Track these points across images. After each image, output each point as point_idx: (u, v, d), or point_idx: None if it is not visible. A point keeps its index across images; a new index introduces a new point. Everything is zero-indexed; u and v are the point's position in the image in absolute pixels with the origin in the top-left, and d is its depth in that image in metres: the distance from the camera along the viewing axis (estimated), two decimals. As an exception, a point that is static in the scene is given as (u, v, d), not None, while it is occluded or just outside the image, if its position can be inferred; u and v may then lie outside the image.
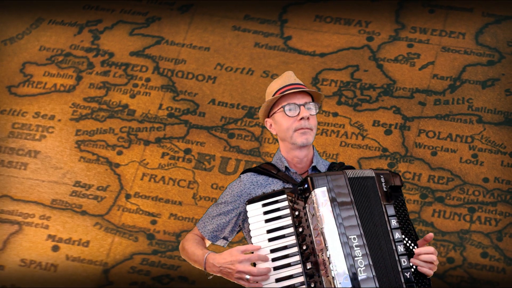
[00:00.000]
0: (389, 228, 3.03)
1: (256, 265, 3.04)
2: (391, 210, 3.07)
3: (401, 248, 3.01)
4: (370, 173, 3.12)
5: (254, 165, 5.75)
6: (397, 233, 3.03)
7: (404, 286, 2.95)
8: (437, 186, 5.59)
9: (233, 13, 6.35)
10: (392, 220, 3.05)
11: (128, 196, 5.81)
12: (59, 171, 5.94)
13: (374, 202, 3.07)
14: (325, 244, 2.92)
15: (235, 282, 3.07)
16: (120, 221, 5.75)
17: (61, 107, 6.14)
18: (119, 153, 5.94)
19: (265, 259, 3.03)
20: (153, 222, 5.73)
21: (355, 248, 2.92)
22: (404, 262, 2.99)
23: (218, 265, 3.08)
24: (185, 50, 6.27)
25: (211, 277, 3.19)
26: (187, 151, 5.90)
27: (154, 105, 6.07)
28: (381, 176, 3.13)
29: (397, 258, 2.98)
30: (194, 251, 3.26)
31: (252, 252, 3.07)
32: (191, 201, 5.76)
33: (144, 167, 5.89)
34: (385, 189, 3.10)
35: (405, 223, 3.10)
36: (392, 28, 6.15)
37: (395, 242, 3.01)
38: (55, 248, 5.73)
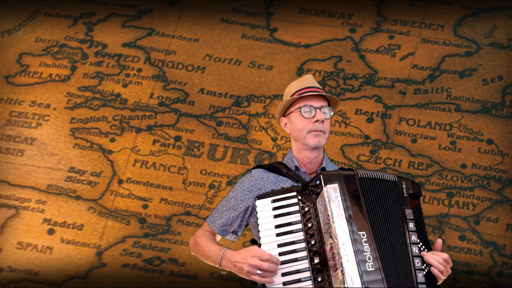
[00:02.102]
0: (406, 230, 3.00)
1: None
2: (409, 214, 3.04)
3: (416, 250, 2.97)
4: (393, 178, 3.09)
5: (242, 152, 5.76)
6: (413, 236, 2.99)
7: (416, 285, 2.91)
8: (417, 172, 5.58)
9: (221, 6, 6.31)
10: (410, 223, 3.01)
11: (120, 182, 5.80)
12: (55, 158, 5.92)
13: (392, 204, 3.03)
14: (334, 239, 2.87)
15: (247, 278, 2.98)
16: (113, 205, 5.74)
17: (56, 96, 6.12)
18: (112, 140, 5.92)
19: (277, 262, 2.94)
20: (145, 207, 5.71)
21: (364, 244, 2.86)
22: (418, 263, 2.94)
23: (233, 260, 3.00)
24: (175, 42, 6.24)
25: (225, 272, 3.10)
26: (177, 138, 5.88)
27: (145, 94, 6.05)
28: (403, 182, 3.10)
29: (411, 259, 2.94)
30: (210, 247, 3.18)
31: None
32: (181, 186, 5.75)
33: (136, 153, 5.87)
34: (405, 195, 3.07)
35: (420, 229, 3.06)
36: (374, 20, 6.12)
37: (411, 243, 2.97)
38: (51, 231, 5.72)
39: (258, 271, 2.92)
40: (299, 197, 3.06)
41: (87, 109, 6.03)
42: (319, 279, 2.90)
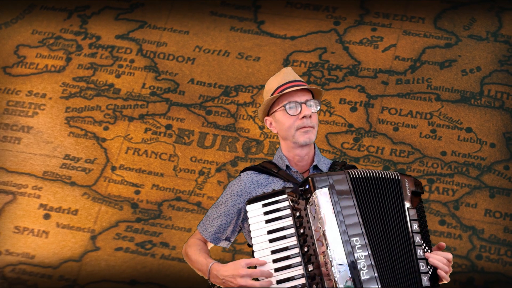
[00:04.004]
0: (410, 232, 2.78)
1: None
2: (413, 215, 2.82)
3: (420, 253, 2.77)
4: (394, 176, 2.85)
5: (230, 140, 5.77)
6: (417, 237, 2.78)
7: None
8: (398, 159, 5.57)
9: (210, -1, 6.34)
10: (414, 224, 2.80)
11: (113, 168, 5.79)
12: (50, 145, 5.92)
13: (393, 204, 2.81)
14: (326, 246, 2.67)
15: None
16: (106, 191, 5.74)
17: (52, 86, 6.11)
18: (106, 128, 5.91)
19: (268, 275, 2.74)
20: (137, 192, 5.70)
21: (357, 250, 2.66)
22: (422, 266, 2.75)
23: (221, 277, 2.81)
24: (166, 34, 6.23)
25: (216, 287, 2.89)
26: (168, 126, 5.87)
27: (137, 84, 6.05)
28: (406, 180, 2.86)
29: (415, 262, 2.75)
30: (198, 259, 2.98)
31: (256, 267, 2.80)
32: (172, 172, 5.75)
33: (129, 141, 5.86)
34: (408, 193, 2.83)
35: (423, 229, 2.85)
36: (357, 13, 6.09)
37: (415, 245, 2.77)
38: (47, 216, 5.71)
39: None
40: (291, 199, 2.83)
41: (82, 98, 6.02)
42: (314, 287, 2.71)
